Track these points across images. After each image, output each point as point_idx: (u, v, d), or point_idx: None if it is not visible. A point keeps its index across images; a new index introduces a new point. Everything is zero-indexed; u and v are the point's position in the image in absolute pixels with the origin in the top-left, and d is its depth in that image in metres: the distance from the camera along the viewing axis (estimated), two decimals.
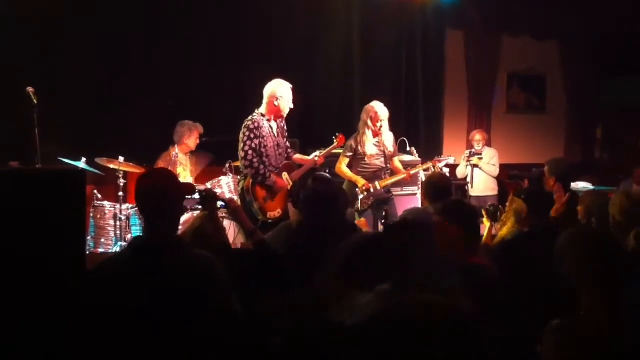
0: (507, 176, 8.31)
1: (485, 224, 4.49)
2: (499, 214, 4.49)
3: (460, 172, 7.95)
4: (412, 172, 6.33)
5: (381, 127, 6.08)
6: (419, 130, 8.91)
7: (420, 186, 6.70)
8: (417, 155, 7.08)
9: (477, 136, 8.19)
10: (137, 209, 6.11)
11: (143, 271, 2.55)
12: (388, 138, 6.20)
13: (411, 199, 6.70)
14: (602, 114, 10.47)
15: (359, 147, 6.11)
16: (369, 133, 6.10)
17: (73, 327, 2.55)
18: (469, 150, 7.86)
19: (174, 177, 2.91)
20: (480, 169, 7.90)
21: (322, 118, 8.08)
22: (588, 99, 10.16)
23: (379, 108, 6.08)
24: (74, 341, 2.54)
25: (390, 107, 6.24)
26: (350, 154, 6.15)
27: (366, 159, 6.12)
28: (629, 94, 9.87)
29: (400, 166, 6.41)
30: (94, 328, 2.52)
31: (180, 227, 5.31)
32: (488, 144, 8.40)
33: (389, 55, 8.80)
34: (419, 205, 6.58)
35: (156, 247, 2.63)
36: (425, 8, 8.91)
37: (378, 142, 6.15)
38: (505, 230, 4.40)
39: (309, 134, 7.40)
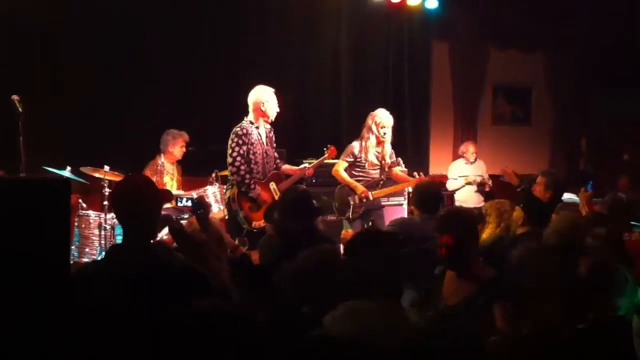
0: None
1: None
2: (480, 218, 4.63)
3: (452, 186, 7.97)
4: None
5: (384, 134, 6.04)
6: (405, 141, 8.94)
7: (406, 197, 6.70)
8: (403, 165, 7.09)
9: (471, 148, 8.22)
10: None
11: (117, 277, 2.56)
12: (388, 149, 6.16)
13: (397, 210, 6.69)
14: (587, 125, 10.55)
15: (363, 154, 6.04)
16: (372, 138, 6.04)
17: (56, 335, 2.54)
18: (474, 181, 7.85)
19: (149, 183, 2.91)
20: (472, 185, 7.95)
21: (311, 127, 8.11)
22: (573, 110, 10.24)
23: (384, 114, 6.05)
24: (55, 348, 2.53)
25: None
26: (351, 159, 6.06)
27: (367, 166, 6.06)
28: (615, 105, 9.95)
29: (404, 175, 6.32)
30: (70, 331, 2.52)
31: (166, 236, 5.32)
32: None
33: (376, 66, 8.85)
34: (405, 216, 6.59)
35: (131, 253, 2.65)
36: (412, 20, 8.98)
37: (378, 152, 6.10)
38: (486, 233, 4.46)
39: (298, 143, 7.40)
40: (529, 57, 10.01)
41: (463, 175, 7.90)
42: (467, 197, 7.97)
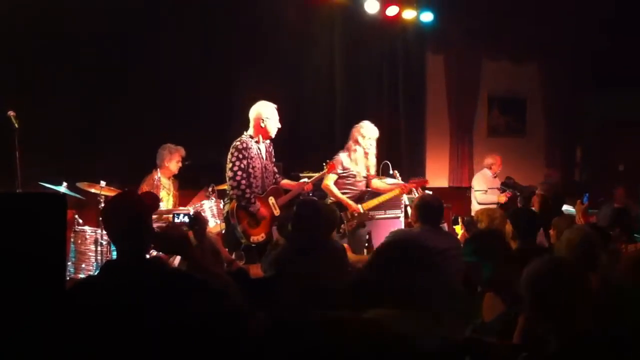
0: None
1: (458, 230, 5.30)
2: (472, 225, 4.75)
3: (483, 200, 7.95)
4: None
5: (370, 145, 6.12)
6: (400, 153, 8.95)
7: (403, 209, 6.70)
8: (400, 178, 7.09)
9: (498, 160, 8.27)
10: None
11: (113, 291, 2.56)
12: (373, 161, 6.23)
13: (394, 222, 6.68)
14: (581, 135, 10.60)
15: (352, 165, 6.08)
16: (360, 150, 6.11)
17: (51, 349, 2.52)
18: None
19: (135, 199, 2.90)
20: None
21: (305, 140, 8.11)
22: (567, 121, 10.28)
23: (369, 126, 6.15)
24: None
25: None
26: (340, 171, 6.08)
27: (358, 177, 6.11)
28: (609, 113, 10.00)
29: (385, 185, 6.38)
30: (66, 347, 2.51)
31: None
32: (471, 167, 8.47)
33: (371, 79, 8.88)
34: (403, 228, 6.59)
35: (126, 267, 2.65)
36: (407, 32, 9.01)
37: (365, 164, 6.17)
38: None
39: (293, 156, 7.40)
40: (523, 69, 10.07)
41: (493, 188, 7.90)
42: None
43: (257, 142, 5.59)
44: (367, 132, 6.12)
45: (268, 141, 5.72)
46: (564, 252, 3.39)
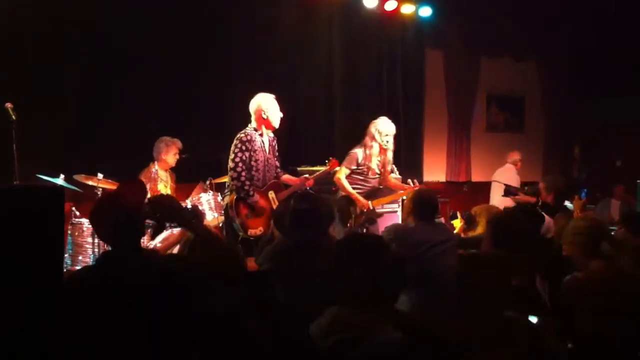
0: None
1: (456, 225, 5.40)
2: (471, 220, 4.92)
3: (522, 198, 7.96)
4: None
5: (387, 142, 6.07)
6: (398, 148, 8.92)
7: (400, 203, 6.71)
8: (397, 172, 7.11)
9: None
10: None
11: (110, 283, 2.60)
12: (389, 157, 6.20)
13: (392, 216, 6.71)
14: (579, 133, 10.61)
15: (366, 162, 6.06)
16: (375, 147, 6.06)
17: (49, 344, 2.53)
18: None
19: (121, 199, 2.91)
20: None
21: (304, 136, 8.11)
22: (565, 118, 10.30)
23: (387, 122, 6.10)
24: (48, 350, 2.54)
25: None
26: (354, 167, 6.07)
27: (370, 174, 6.09)
28: (607, 112, 10.02)
29: (397, 183, 6.40)
30: (64, 339, 2.52)
31: (159, 244, 5.30)
32: (469, 162, 8.45)
33: (370, 74, 8.87)
34: (400, 222, 6.59)
35: (122, 259, 2.71)
36: (405, 28, 9.01)
37: (380, 161, 6.13)
38: (475, 233, 4.74)
39: (291, 151, 7.41)
40: (521, 66, 10.07)
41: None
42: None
43: (261, 134, 5.60)
44: (383, 128, 6.06)
45: (272, 135, 5.72)
46: (570, 239, 3.43)
